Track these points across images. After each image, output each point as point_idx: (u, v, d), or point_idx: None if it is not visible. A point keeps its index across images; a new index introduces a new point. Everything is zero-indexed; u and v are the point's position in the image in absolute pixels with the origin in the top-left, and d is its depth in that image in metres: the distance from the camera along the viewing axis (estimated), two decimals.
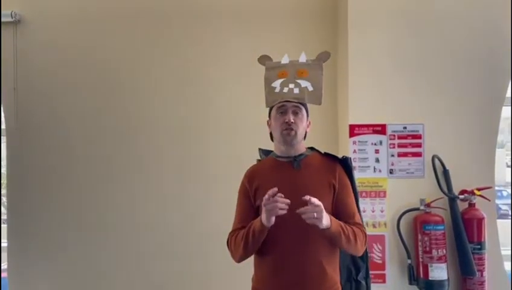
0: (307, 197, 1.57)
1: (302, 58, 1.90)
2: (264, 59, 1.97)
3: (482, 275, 2.41)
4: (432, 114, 2.57)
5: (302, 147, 1.88)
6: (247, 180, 1.89)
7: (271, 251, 1.73)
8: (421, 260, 2.43)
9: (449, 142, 2.56)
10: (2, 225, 3.10)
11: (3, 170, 3.05)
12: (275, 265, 1.75)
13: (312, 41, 2.84)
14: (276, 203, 1.58)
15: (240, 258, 1.77)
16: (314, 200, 1.57)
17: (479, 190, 2.46)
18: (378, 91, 2.58)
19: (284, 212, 1.59)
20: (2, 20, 2.87)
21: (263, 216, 1.62)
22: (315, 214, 1.56)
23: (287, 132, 1.78)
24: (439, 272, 2.39)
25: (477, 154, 2.56)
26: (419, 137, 2.56)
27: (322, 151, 1.91)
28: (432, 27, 2.59)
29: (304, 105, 1.85)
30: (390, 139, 2.58)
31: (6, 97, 2.95)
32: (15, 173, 3.02)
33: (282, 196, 1.60)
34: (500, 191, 9.07)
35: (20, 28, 2.95)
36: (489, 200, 2.48)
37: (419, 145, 2.56)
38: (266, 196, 1.59)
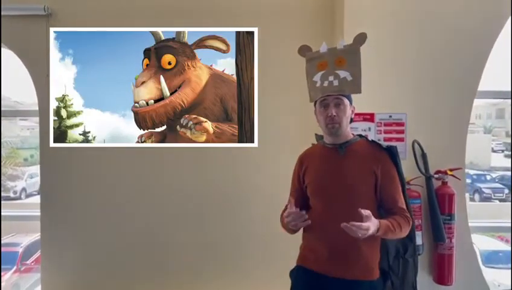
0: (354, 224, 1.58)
1: (340, 45, 1.82)
2: (303, 50, 1.90)
3: (451, 242, 2.58)
4: (413, 105, 2.69)
5: (347, 134, 1.86)
6: (299, 163, 1.98)
7: (313, 227, 1.79)
8: None
9: (427, 129, 2.69)
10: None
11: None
12: (317, 238, 1.83)
13: (309, 37, 2.89)
14: (296, 222, 1.72)
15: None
16: (362, 225, 1.55)
17: (451, 170, 2.62)
18: (368, 84, 2.44)
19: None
20: (36, 13, 3.14)
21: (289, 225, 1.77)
22: (359, 235, 1.57)
23: (332, 125, 1.78)
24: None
25: (451, 140, 2.71)
26: (403, 124, 2.69)
27: (370, 139, 1.90)
28: (414, 29, 2.67)
29: (346, 95, 1.81)
30: (378, 126, 2.70)
31: (40, 83, 3.20)
32: (47, 152, 3.24)
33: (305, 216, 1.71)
34: (484, 175, 8.88)
35: (52, 20, 3.18)
36: (459, 179, 2.62)
37: (402, 132, 2.69)
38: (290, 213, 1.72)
